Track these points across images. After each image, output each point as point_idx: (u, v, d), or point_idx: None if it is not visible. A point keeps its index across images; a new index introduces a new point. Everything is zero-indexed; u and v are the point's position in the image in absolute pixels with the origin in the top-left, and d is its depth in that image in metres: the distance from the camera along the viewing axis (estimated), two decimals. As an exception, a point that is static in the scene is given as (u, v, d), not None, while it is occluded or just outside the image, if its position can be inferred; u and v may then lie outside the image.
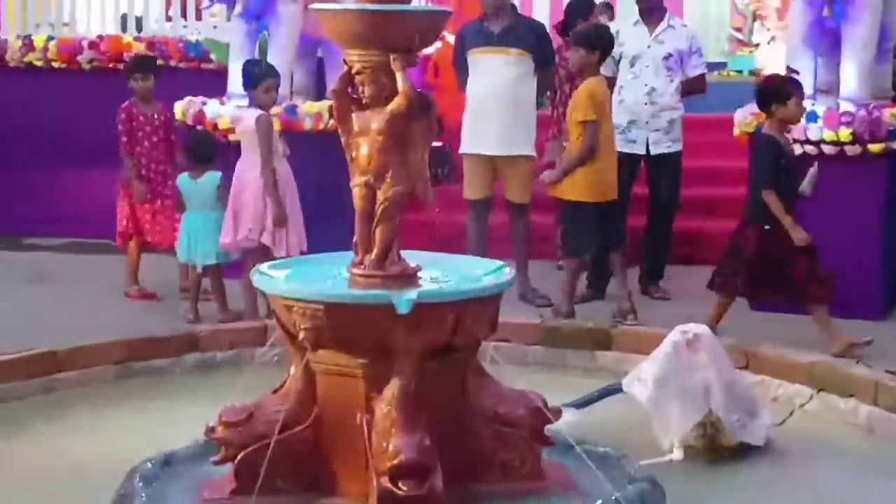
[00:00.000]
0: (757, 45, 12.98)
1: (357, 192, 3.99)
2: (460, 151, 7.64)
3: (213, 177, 7.00)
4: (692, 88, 7.49)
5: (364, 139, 3.96)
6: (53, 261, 9.00)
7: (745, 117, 6.99)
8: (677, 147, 7.43)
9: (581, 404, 4.94)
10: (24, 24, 10.19)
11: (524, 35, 7.30)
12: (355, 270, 3.99)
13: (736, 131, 7.10)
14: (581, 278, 7.38)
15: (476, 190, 7.55)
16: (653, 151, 7.38)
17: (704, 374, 4.56)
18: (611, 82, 7.42)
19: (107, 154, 9.34)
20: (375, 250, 3.96)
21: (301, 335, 3.82)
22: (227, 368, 5.57)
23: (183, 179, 7.07)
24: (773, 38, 12.71)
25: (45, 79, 9.90)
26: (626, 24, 7.59)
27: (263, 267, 4.14)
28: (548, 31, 7.70)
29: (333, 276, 4.03)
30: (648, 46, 7.36)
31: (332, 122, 5.47)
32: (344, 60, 3.98)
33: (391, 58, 3.85)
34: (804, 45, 6.97)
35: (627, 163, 7.32)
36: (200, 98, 8.55)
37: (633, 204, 7.56)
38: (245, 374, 4.45)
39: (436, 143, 9.16)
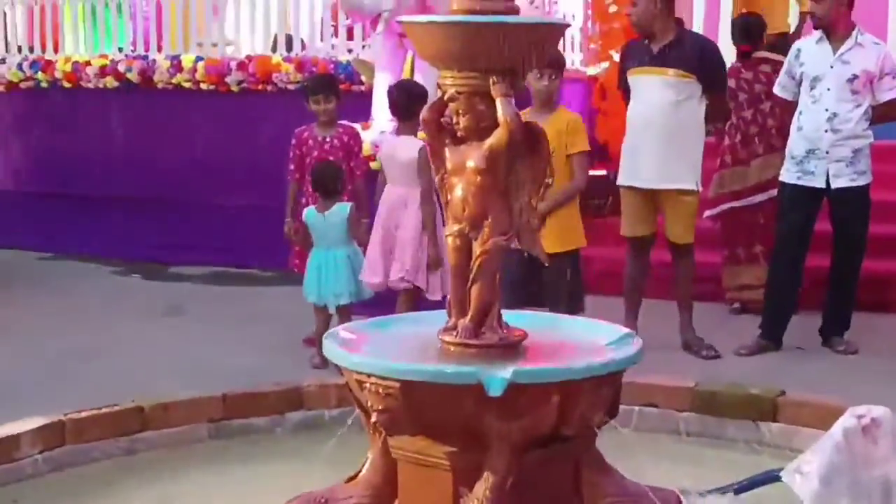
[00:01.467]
0: None
1: (450, 243, 3.32)
2: (617, 183, 6.87)
3: (342, 209, 6.44)
4: (886, 114, 6.49)
5: (459, 179, 3.27)
6: (192, 291, 8.66)
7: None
8: (863, 180, 6.45)
9: (734, 490, 4.14)
10: (173, 44, 9.91)
11: (687, 54, 6.45)
12: (446, 338, 3.30)
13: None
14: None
15: (634, 227, 6.78)
16: (833, 185, 6.43)
17: (885, 470, 3.68)
18: (783, 109, 6.55)
19: (254, 178, 9.02)
20: (470, 314, 3.27)
21: (374, 417, 3.16)
22: (335, 429, 4.84)
23: (310, 214, 6.52)
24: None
25: (193, 100, 9.60)
26: (808, 42, 6.66)
27: (339, 330, 3.48)
28: (719, 49, 6.82)
29: (421, 344, 3.35)
30: (831, 67, 6.41)
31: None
32: (437, 84, 3.31)
33: (491, 81, 3.15)
34: None
35: (805, 197, 6.44)
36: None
37: (814, 243, 6.67)
38: (356, 437, 3.71)
39: (598, 173, 8.59)
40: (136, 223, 9.80)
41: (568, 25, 3.50)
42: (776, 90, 6.76)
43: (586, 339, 3.43)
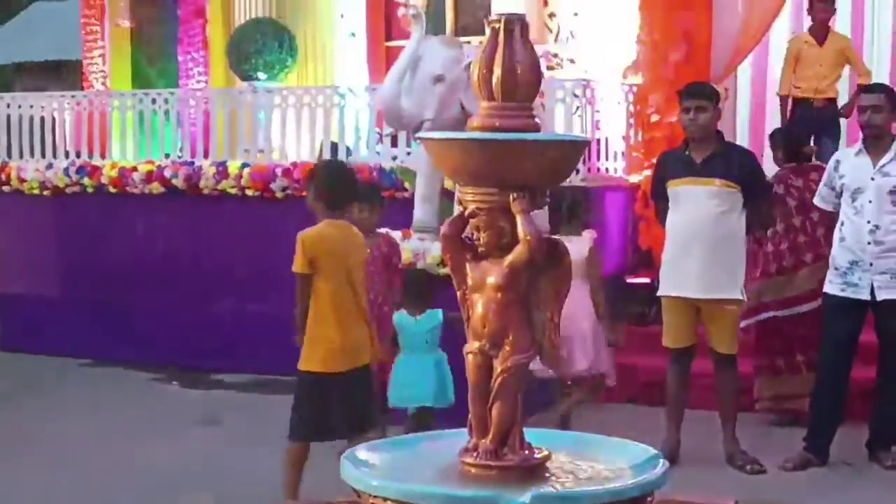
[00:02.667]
0: None
1: (470, 361, 3.24)
2: (658, 293, 6.78)
3: (433, 315, 6.46)
4: None
5: (479, 296, 3.21)
6: (232, 400, 8.61)
7: None
8: None
9: None
10: (220, 151, 10.02)
11: (731, 164, 6.42)
12: (466, 459, 3.21)
13: None
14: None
15: (676, 337, 6.68)
16: (879, 297, 6.30)
17: None
18: (832, 218, 6.46)
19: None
20: (491, 434, 3.18)
21: (390, 542, 3.06)
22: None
23: (401, 318, 6.56)
24: None
25: (238, 206, 9.66)
26: (847, 154, 6.60)
27: (357, 451, 3.40)
28: (758, 160, 6.79)
29: (440, 466, 3.26)
30: (872, 178, 6.33)
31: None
32: (457, 201, 3.27)
33: (511, 198, 3.11)
34: None
35: (850, 309, 6.31)
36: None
37: (859, 354, 6.53)
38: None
39: (642, 280, 8.52)
40: (179, 329, 9.80)
41: (589, 141, 3.46)
42: (816, 201, 6.69)
43: (612, 460, 3.32)
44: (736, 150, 6.84)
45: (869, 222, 6.26)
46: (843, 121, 9.39)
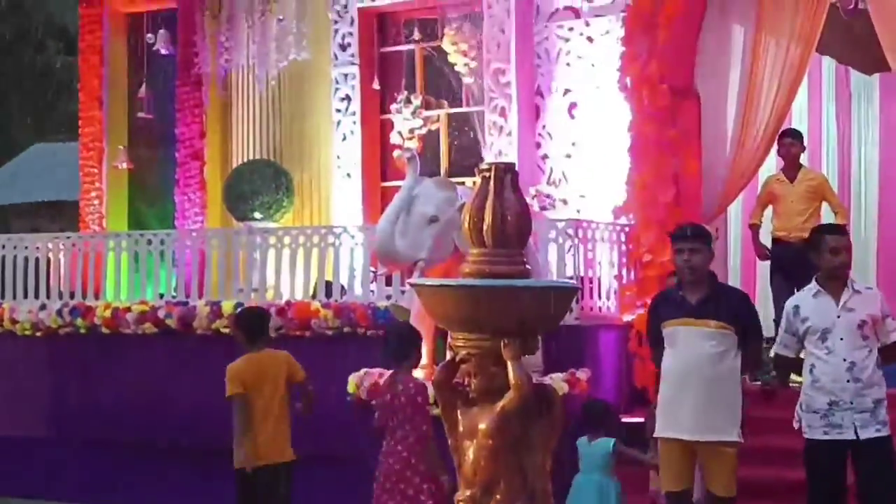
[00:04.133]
0: None
1: (461, 510, 3.22)
2: (654, 435, 6.73)
3: (605, 443, 6.90)
4: (891, 357, 6.41)
5: (471, 443, 3.21)
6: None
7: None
8: (886, 431, 6.29)
9: None
10: (214, 291, 10.04)
11: (726, 306, 6.43)
12: None
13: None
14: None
15: (673, 480, 6.57)
16: (862, 436, 6.25)
17: None
18: (795, 363, 6.45)
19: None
20: (483, 584, 3.14)
21: None
22: None
23: (581, 441, 7.00)
24: None
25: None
26: (804, 297, 6.61)
27: None
28: (751, 301, 6.80)
29: None
30: (838, 317, 6.36)
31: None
32: (448, 345, 3.29)
33: (502, 344, 3.13)
34: None
35: (835, 451, 6.24)
36: (378, 370, 8.09)
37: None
38: None
39: (636, 420, 8.45)
40: (173, 471, 9.68)
41: (578, 289, 3.49)
42: (777, 350, 6.67)
43: None
44: (730, 291, 6.84)
45: (845, 360, 6.25)
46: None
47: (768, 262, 9.48)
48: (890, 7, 8.64)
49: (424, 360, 7.59)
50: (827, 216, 9.30)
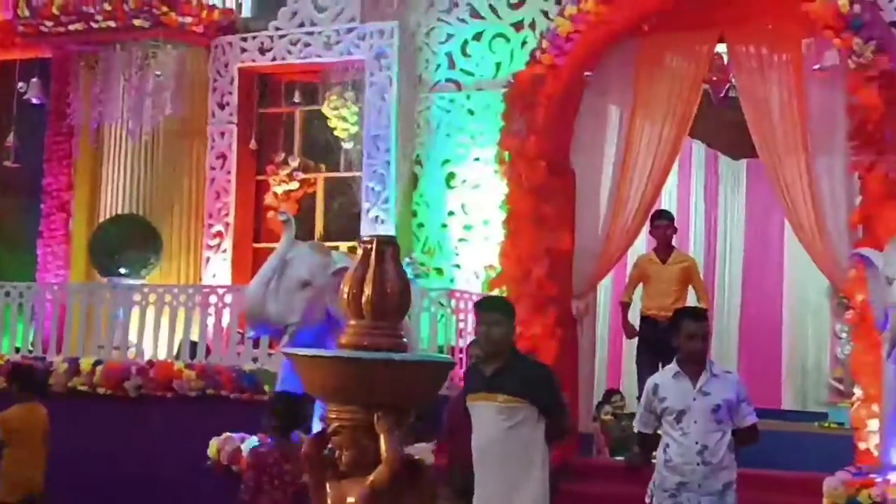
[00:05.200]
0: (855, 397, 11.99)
1: (328, 585, 3.12)
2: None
3: None
4: (745, 440, 6.52)
5: (339, 516, 3.12)
6: None
7: (837, 486, 6.00)
8: None
9: None
10: (73, 347, 9.75)
11: (517, 378, 6.27)
12: None
13: (825, 502, 6.12)
14: None
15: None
16: (706, 517, 6.32)
17: None
18: (652, 440, 6.50)
19: (153, 486, 8.69)
20: None
21: None
22: None
23: None
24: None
25: (89, 405, 9.34)
26: (665, 377, 6.69)
27: None
28: (551, 372, 6.72)
29: None
30: (694, 399, 6.45)
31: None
32: (321, 417, 3.20)
33: (376, 417, 3.06)
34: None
35: None
36: (240, 434, 7.93)
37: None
38: None
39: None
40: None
41: (454, 364, 3.46)
42: (636, 426, 6.71)
43: None
44: (526, 363, 6.71)
45: (697, 443, 6.32)
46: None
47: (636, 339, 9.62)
48: (758, 96, 8.92)
49: None
50: (694, 297, 9.49)
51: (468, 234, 9.99)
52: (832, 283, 9.40)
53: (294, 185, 10.85)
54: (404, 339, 3.17)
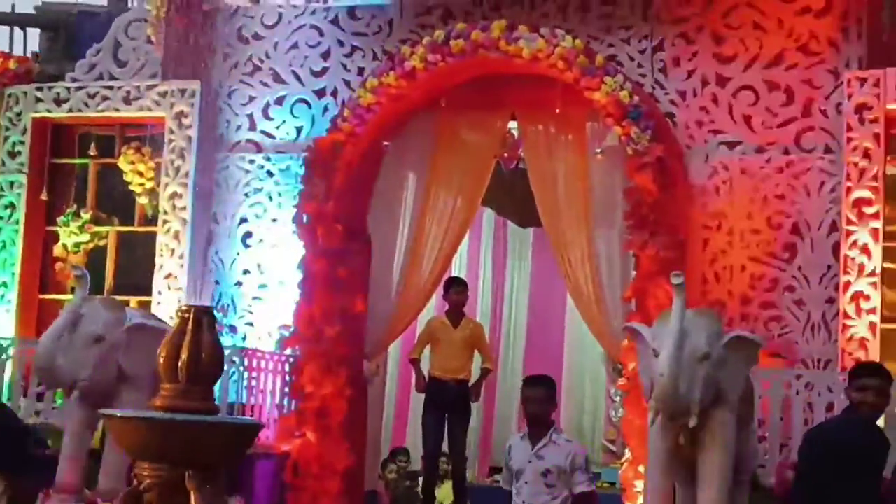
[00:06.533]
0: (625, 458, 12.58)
1: None
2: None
3: None
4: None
5: (148, 571, 3.26)
6: None
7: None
8: None
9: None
10: None
11: None
12: None
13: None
14: None
15: None
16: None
17: None
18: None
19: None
20: None
21: None
22: None
23: None
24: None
25: None
26: (516, 437, 7.07)
27: None
28: None
29: None
30: (529, 461, 6.82)
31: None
32: (133, 473, 3.35)
33: (187, 475, 3.23)
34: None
35: None
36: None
37: None
38: None
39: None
40: None
41: (262, 426, 3.65)
42: (501, 483, 7.06)
43: None
44: None
45: (524, 503, 6.68)
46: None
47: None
48: (545, 172, 9.43)
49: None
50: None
51: (263, 293, 10.11)
52: (607, 351, 9.98)
53: (85, 237, 10.73)
54: (216, 402, 3.36)
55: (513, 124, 9.74)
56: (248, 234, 10.21)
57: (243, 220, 10.23)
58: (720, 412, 6.76)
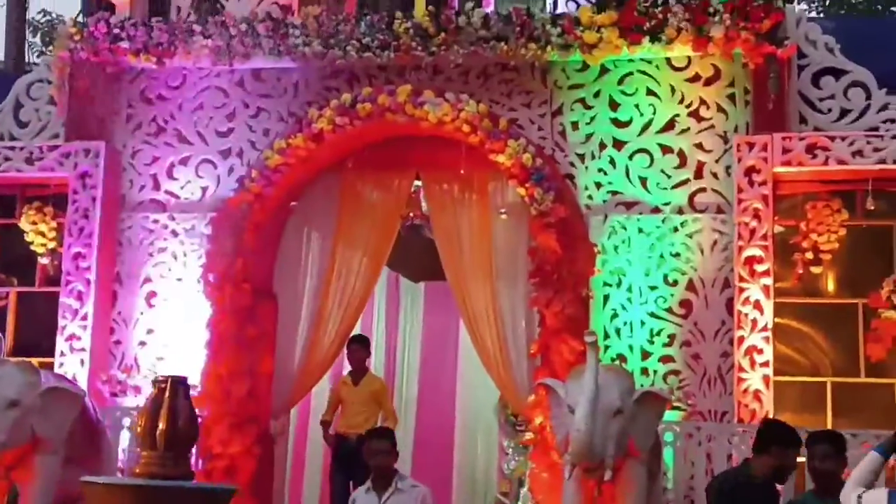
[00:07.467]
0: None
1: None
2: None
3: None
4: None
5: None
6: None
7: None
8: None
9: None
10: None
11: None
12: None
13: None
14: None
15: None
16: None
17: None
18: None
19: None
20: None
21: None
22: None
23: None
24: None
25: None
26: (360, 493, 7.23)
27: None
28: None
29: None
30: None
31: None
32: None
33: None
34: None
35: None
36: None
37: None
38: None
39: None
40: None
41: (235, 491, 3.79)
42: None
43: None
44: None
45: None
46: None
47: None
48: (450, 230, 9.69)
49: None
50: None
51: (167, 353, 10.10)
52: (512, 405, 10.20)
53: (-16, 298, 10.60)
54: (192, 469, 3.48)
55: (418, 183, 9.98)
56: (153, 294, 10.19)
57: (147, 280, 10.22)
58: (632, 465, 7.06)
